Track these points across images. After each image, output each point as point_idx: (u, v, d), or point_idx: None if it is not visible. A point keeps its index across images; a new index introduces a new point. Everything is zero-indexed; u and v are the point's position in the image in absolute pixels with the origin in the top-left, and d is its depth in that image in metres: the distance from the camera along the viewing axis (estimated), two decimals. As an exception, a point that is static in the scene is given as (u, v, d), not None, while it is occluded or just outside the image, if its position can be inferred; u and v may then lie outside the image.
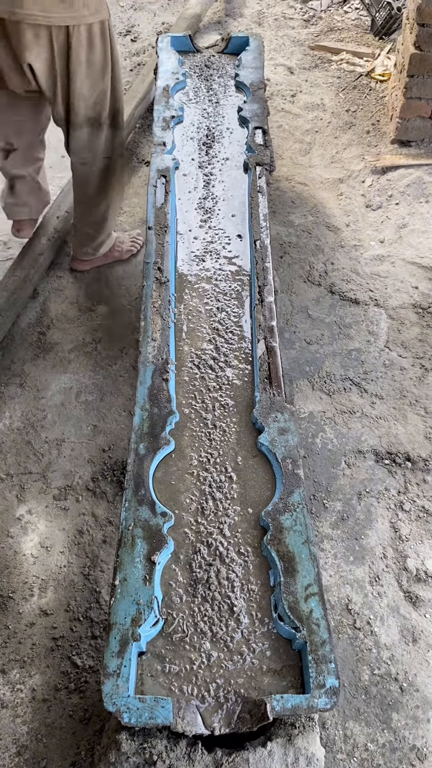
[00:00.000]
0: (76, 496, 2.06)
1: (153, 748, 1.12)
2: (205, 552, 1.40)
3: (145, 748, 1.13)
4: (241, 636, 1.29)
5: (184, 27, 3.76)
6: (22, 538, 1.97)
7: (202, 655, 1.26)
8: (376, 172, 3.16)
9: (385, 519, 2.04)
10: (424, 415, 2.28)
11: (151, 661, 1.26)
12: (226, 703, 1.21)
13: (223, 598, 1.34)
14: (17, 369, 2.38)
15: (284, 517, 1.40)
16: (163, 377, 1.64)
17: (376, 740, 1.66)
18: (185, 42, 2.76)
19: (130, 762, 1.11)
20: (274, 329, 1.76)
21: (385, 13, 3.81)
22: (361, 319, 2.58)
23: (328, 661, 1.20)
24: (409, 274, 2.74)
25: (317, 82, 3.72)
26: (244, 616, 1.31)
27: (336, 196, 3.10)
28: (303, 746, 1.17)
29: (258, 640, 1.29)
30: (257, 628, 1.30)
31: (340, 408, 2.30)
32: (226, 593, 1.34)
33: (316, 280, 2.71)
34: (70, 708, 1.68)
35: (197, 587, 1.35)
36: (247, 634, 1.29)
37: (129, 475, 1.46)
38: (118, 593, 1.28)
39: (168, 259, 1.93)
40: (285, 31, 4.08)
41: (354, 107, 3.54)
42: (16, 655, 1.76)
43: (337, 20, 4.12)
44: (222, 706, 1.20)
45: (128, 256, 2.74)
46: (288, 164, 3.25)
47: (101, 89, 2.02)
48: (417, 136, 3.21)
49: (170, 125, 2.36)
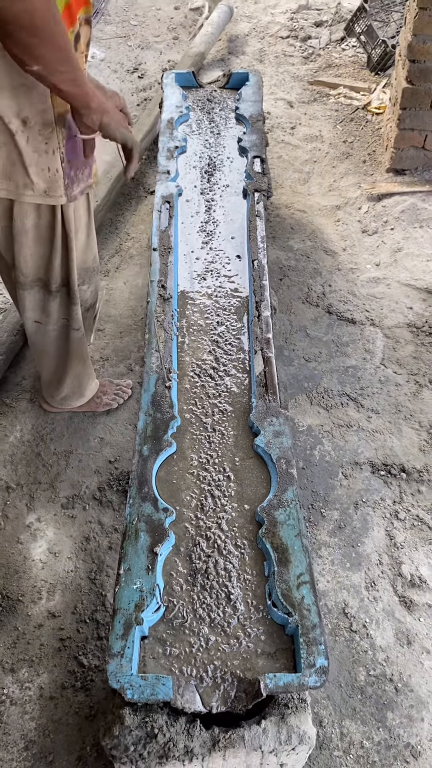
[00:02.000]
0: (83, 504, 2.14)
1: (154, 722, 1.20)
2: (204, 545, 1.48)
3: (146, 722, 1.20)
4: (238, 622, 1.37)
5: (188, 64, 3.94)
6: (32, 544, 2.05)
7: (201, 639, 1.34)
8: (372, 199, 3.29)
9: (381, 527, 2.11)
10: (419, 429, 2.37)
11: (153, 644, 1.34)
12: (223, 684, 1.28)
13: (220, 587, 1.42)
14: (28, 385, 2.48)
15: (278, 512, 1.49)
16: (165, 385, 1.75)
17: (371, 738, 1.71)
18: (189, 78, 2.92)
19: (133, 735, 1.18)
20: (270, 341, 1.86)
21: (380, 50, 3.99)
22: (357, 337, 2.68)
23: (318, 643, 1.28)
24: (404, 295, 2.85)
25: (316, 115, 3.89)
26: (240, 603, 1.39)
27: (333, 222, 3.23)
28: (295, 724, 1.24)
29: (253, 625, 1.37)
30: (252, 614, 1.38)
31: (338, 422, 2.39)
32: (224, 582, 1.42)
33: (315, 301, 2.81)
34: (76, 705, 1.74)
35: (197, 577, 1.43)
36: (242, 620, 1.37)
37: (133, 475, 1.55)
38: (123, 581, 1.36)
39: (171, 277, 2.04)
40: (285, 68, 4.27)
41: (351, 138, 3.69)
42: (25, 654, 1.83)
43: (335, 57, 4.31)
44: (219, 686, 1.28)
45: (105, 409, 2.39)
46: (288, 193, 3.39)
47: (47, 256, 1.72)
48: (411, 165, 3.35)
49: (174, 155, 2.50)
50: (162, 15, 4.83)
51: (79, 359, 2.11)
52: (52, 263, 1.72)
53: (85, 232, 1.75)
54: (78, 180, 1.58)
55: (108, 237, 3.10)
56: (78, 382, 2.23)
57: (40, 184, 1.50)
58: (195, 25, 4.61)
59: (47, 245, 1.67)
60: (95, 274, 1.91)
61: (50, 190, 1.52)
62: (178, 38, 4.59)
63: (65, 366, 2.12)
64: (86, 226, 1.74)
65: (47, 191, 1.52)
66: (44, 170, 1.48)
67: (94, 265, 1.89)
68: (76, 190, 1.58)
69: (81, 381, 2.23)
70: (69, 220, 1.63)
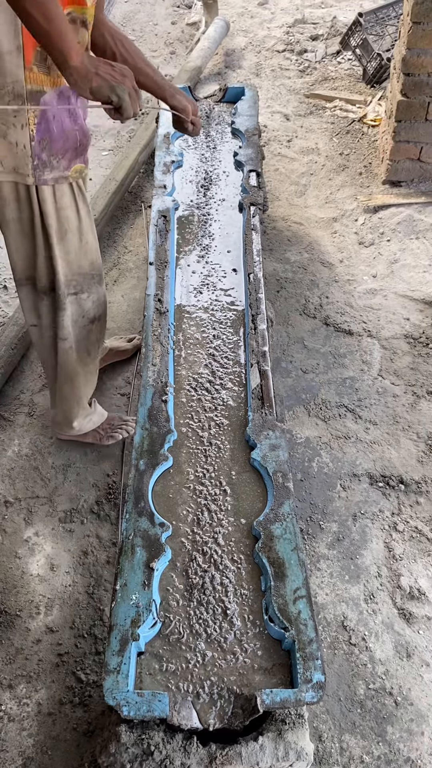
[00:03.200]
0: (81, 518, 2.14)
1: (151, 740, 1.19)
2: (201, 559, 1.48)
3: (143, 739, 1.19)
4: (234, 637, 1.36)
5: (185, 79, 3.97)
6: (30, 558, 2.05)
7: (197, 655, 1.34)
8: (368, 211, 3.31)
9: (380, 539, 2.11)
10: (416, 440, 2.37)
11: (150, 660, 1.33)
12: (219, 700, 1.28)
13: (217, 602, 1.41)
14: (26, 399, 2.49)
15: (275, 526, 1.49)
16: (162, 399, 1.75)
17: (371, 753, 1.70)
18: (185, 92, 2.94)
19: (129, 752, 1.18)
20: (267, 354, 1.87)
21: (375, 64, 4.02)
22: (355, 349, 2.69)
23: (315, 658, 1.27)
24: (401, 306, 2.85)
25: (312, 127, 3.91)
26: (237, 618, 1.39)
27: (330, 234, 3.24)
28: (293, 741, 1.23)
29: (250, 640, 1.36)
30: (249, 629, 1.38)
31: (336, 433, 2.39)
32: (220, 597, 1.42)
33: (312, 313, 2.82)
34: (74, 721, 1.73)
35: (193, 592, 1.43)
36: (239, 635, 1.37)
37: (130, 489, 1.55)
38: (119, 597, 1.36)
39: (168, 291, 2.05)
40: (281, 81, 4.30)
41: (347, 151, 3.72)
42: (22, 670, 1.82)
43: (331, 70, 4.34)
44: (216, 702, 1.27)
45: (109, 442, 2.29)
46: (284, 205, 3.40)
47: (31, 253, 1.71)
48: (406, 177, 3.37)
49: (170, 169, 2.51)
50: (159, 30, 4.87)
51: (65, 378, 1.99)
52: (36, 261, 1.72)
53: (77, 236, 1.73)
54: (50, 166, 1.56)
55: (106, 250, 3.11)
56: (67, 406, 2.10)
57: (8, 159, 1.50)
58: (192, 39, 4.65)
59: (30, 241, 1.68)
60: (96, 283, 1.87)
61: (18, 168, 1.52)
62: (175, 53, 4.63)
63: (54, 382, 2.04)
64: (77, 229, 1.72)
65: (16, 168, 1.52)
66: (12, 144, 1.49)
67: (93, 272, 1.84)
68: (47, 175, 1.57)
69: (69, 406, 2.10)
70: (48, 215, 1.61)
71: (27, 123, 1.47)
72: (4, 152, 1.50)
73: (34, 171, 1.54)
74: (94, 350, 1.97)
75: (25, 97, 1.44)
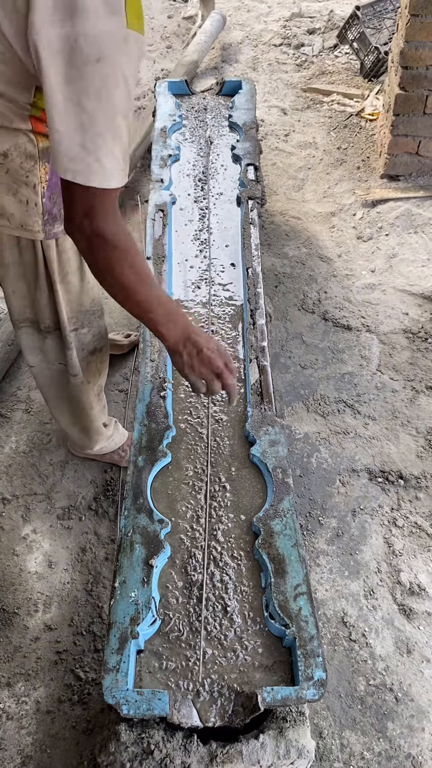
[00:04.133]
0: (79, 515, 2.13)
1: (150, 738, 1.18)
2: (200, 556, 1.47)
3: (143, 738, 1.18)
4: (234, 634, 1.35)
5: (182, 73, 3.94)
6: (28, 556, 2.04)
7: (197, 653, 1.33)
8: (366, 206, 3.29)
9: (379, 535, 2.10)
10: (416, 435, 2.36)
11: (149, 658, 1.32)
12: (220, 698, 1.26)
13: (217, 599, 1.40)
14: (23, 396, 2.47)
15: (275, 522, 1.48)
16: (160, 395, 1.74)
17: (372, 749, 1.70)
18: (182, 86, 2.92)
19: (129, 751, 1.17)
20: (266, 349, 1.85)
21: (373, 57, 3.99)
22: (353, 344, 2.68)
23: (316, 655, 1.26)
24: (400, 301, 2.84)
25: (310, 122, 3.89)
26: (237, 615, 1.38)
27: (328, 229, 3.23)
28: (294, 738, 1.22)
29: (250, 637, 1.35)
30: (249, 626, 1.37)
31: (335, 429, 2.38)
32: (220, 594, 1.41)
33: (310, 308, 2.81)
34: (73, 719, 1.73)
35: (192, 589, 1.42)
36: (239, 633, 1.36)
37: (128, 486, 1.54)
38: (118, 594, 1.35)
39: (165, 286, 2.03)
40: (279, 75, 4.27)
41: (345, 145, 3.70)
42: (21, 668, 1.81)
43: (329, 64, 4.32)
44: (216, 700, 1.26)
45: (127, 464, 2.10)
46: (282, 200, 3.39)
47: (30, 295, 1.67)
48: (405, 171, 3.35)
49: (167, 163, 2.49)
50: (155, 24, 4.84)
51: (80, 408, 1.97)
52: (38, 303, 1.67)
53: (78, 276, 1.68)
54: (61, 219, 1.52)
55: (103, 246, 3.09)
56: (86, 433, 2.09)
57: (16, 216, 1.45)
58: (188, 33, 4.62)
59: (31, 284, 1.63)
60: (96, 318, 1.83)
61: (27, 225, 1.47)
62: (172, 47, 4.60)
63: (67, 414, 2.01)
64: (78, 270, 1.67)
65: (24, 225, 1.47)
66: (22, 203, 1.45)
67: (94, 308, 1.80)
68: (57, 228, 1.53)
69: (88, 433, 2.09)
70: (51, 260, 1.57)
71: (39, 181, 1.43)
72: (13, 209, 1.45)
73: (44, 226, 1.50)
74: (94, 379, 1.93)
75: (37, 157, 1.39)
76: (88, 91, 1.09)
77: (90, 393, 1.93)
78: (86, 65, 1.07)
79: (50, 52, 1.07)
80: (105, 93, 1.10)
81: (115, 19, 1.07)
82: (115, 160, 1.17)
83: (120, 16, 1.07)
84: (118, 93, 1.11)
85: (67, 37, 1.06)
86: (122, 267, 1.28)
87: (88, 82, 1.09)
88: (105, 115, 1.12)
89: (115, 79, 1.10)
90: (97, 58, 1.07)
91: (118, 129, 1.15)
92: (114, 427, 2.17)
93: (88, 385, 1.90)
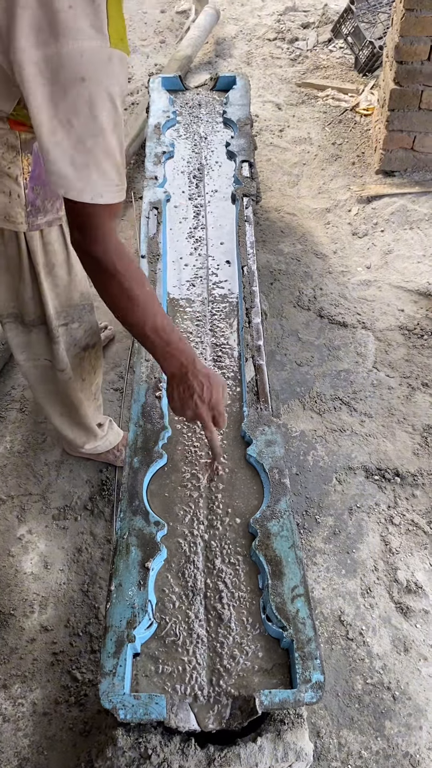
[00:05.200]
0: (74, 515, 2.12)
1: (148, 743, 1.17)
2: (197, 558, 1.46)
3: (140, 743, 1.17)
4: (232, 637, 1.34)
5: (175, 68, 3.92)
6: (23, 557, 2.03)
7: (195, 656, 1.32)
8: (361, 202, 3.28)
9: (376, 533, 2.10)
10: (412, 432, 2.35)
11: (146, 662, 1.31)
12: (217, 702, 1.26)
13: (214, 602, 1.39)
14: (17, 395, 2.46)
15: (271, 523, 1.47)
16: (155, 395, 1.72)
17: (369, 748, 1.70)
18: (176, 82, 2.90)
19: (126, 756, 1.16)
20: (261, 348, 1.84)
21: (367, 52, 3.98)
22: (349, 341, 2.67)
23: (314, 658, 1.26)
24: (395, 297, 2.83)
25: (304, 117, 3.87)
26: (234, 618, 1.37)
27: (323, 225, 3.21)
28: (292, 741, 1.22)
29: (247, 640, 1.34)
30: (247, 629, 1.36)
31: (331, 426, 2.37)
32: (217, 597, 1.40)
33: (306, 305, 2.80)
34: (70, 721, 1.72)
35: (189, 592, 1.41)
36: (237, 635, 1.35)
37: (124, 488, 1.53)
38: (114, 598, 1.34)
39: (160, 284, 2.02)
40: (273, 70, 4.25)
41: (340, 140, 3.68)
42: (17, 670, 1.80)
43: (323, 59, 4.30)
44: (213, 704, 1.26)
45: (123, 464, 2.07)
46: (277, 196, 3.37)
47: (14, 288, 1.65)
48: (400, 167, 3.34)
49: (162, 160, 2.47)
50: (148, 18, 4.81)
51: (69, 406, 1.95)
52: (22, 296, 1.64)
53: (65, 269, 1.66)
54: (44, 210, 1.51)
55: (97, 243, 3.07)
56: (78, 432, 2.06)
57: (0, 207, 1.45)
58: (182, 28, 4.59)
59: (15, 277, 1.61)
60: (86, 312, 1.80)
61: (10, 216, 1.46)
62: (165, 42, 4.57)
63: (57, 411, 1.98)
64: (65, 262, 1.65)
65: (7, 216, 1.46)
66: (5, 194, 1.44)
67: (83, 302, 1.78)
68: (41, 219, 1.52)
69: (80, 430, 2.05)
70: (35, 252, 1.55)
71: (22, 172, 1.42)
72: None
73: (28, 218, 1.49)
74: (89, 377, 1.91)
75: (19, 148, 1.38)
76: (75, 110, 1.10)
77: (80, 390, 1.91)
78: (71, 85, 1.08)
79: (34, 72, 1.08)
80: (91, 112, 1.11)
81: (98, 39, 1.08)
82: (106, 176, 1.18)
83: (103, 35, 1.08)
84: (104, 112, 1.12)
85: (50, 58, 1.07)
86: (112, 290, 1.31)
87: (73, 101, 1.09)
88: (92, 134, 1.13)
89: (101, 98, 1.11)
90: (82, 77, 1.08)
91: (108, 146, 1.15)
92: (108, 426, 2.15)
93: (81, 383, 1.89)
